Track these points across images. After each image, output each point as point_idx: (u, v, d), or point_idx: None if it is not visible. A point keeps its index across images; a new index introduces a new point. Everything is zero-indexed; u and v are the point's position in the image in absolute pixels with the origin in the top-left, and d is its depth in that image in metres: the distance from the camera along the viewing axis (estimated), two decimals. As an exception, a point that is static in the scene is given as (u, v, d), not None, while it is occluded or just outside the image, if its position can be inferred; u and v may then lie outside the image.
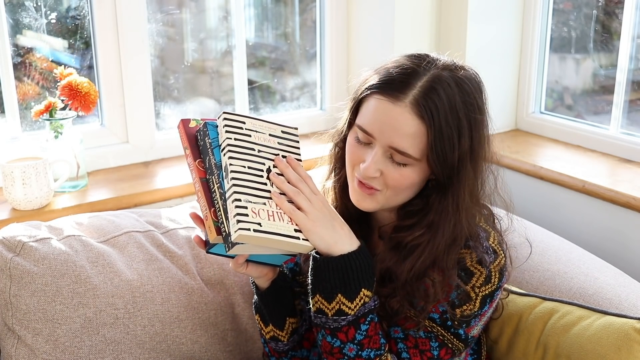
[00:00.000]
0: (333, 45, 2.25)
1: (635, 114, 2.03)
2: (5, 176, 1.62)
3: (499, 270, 1.18)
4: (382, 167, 1.14)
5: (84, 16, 1.88)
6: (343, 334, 1.14)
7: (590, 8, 2.12)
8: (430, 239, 1.15)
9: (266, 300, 1.28)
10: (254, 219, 1.05)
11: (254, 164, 1.12)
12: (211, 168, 1.12)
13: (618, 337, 1.26)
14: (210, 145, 1.13)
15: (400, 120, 1.11)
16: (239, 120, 1.15)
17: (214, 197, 1.11)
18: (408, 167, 1.14)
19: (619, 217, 1.79)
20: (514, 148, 2.10)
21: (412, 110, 1.10)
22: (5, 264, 1.32)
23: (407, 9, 2.09)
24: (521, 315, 1.41)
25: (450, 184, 1.15)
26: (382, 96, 1.13)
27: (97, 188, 1.79)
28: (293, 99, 2.34)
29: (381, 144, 1.13)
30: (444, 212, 1.15)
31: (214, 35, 2.20)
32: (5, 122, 1.82)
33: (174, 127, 2.11)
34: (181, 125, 1.17)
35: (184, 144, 1.16)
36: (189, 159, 1.15)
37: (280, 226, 1.07)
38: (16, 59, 1.82)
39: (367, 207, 1.18)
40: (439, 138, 1.10)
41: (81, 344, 1.33)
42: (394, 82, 1.13)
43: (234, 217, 1.05)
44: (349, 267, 1.11)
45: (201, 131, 1.15)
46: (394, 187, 1.15)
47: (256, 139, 1.15)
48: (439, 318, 1.16)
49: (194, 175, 1.14)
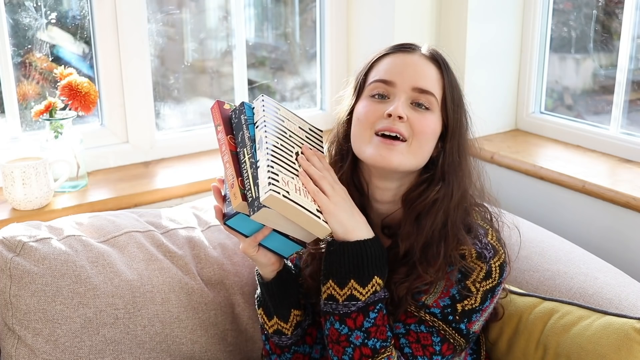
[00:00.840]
0: (333, 45, 2.25)
1: (635, 114, 2.03)
2: (5, 176, 1.62)
3: (499, 266, 1.20)
4: (407, 112, 1.18)
5: (84, 16, 1.88)
6: (352, 321, 1.15)
7: (590, 8, 2.12)
8: (446, 193, 1.20)
9: (272, 290, 1.28)
10: (284, 186, 1.09)
11: (286, 143, 1.17)
12: (244, 141, 1.16)
13: (618, 337, 1.26)
14: (245, 122, 1.18)
15: (420, 64, 1.21)
16: (276, 106, 1.22)
17: (242, 168, 1.14)
18: (430, 112, 1.19)
19: (619, 217, 1.79)
20: (514, 148, 2.10)
21: (427, 58, 1.22)
22: (5, 264, 1.32)
23: (407, 9, 2.09)
24: (521, 315, 1.41)
25: (455, 139, 1.21)
26: (395, 53, 1.24)
27: (97, 188, 1.79)
28: (293, 99, 2.34)
29: (403, 88, 1.19)
30: (452, 162, 1.21)
31: (214, 35, 2.20)
32: (5, 122, 1.82)
33: (174, 127, 2.11)
34: (216, 105, 1.23)
35: (217, 122, 1.22)
36: (221, 134, 1.20)
37: (305, 202, 1.11)
38: (16, 59, 1.82)
39: (393, 159, 1.17)
40: (450, 85, 1.21)
41: (81, 344, 1.33)
42: (401, 45, 1.25)
43: (267, 179, 1.07)
44: (364, 253, 1.14)
45: (237, 110, 1.22)
46: (419, 134, 1.18)
47: (288, 125, 1.22)
48: (440, 312, 1.17)
49: (223, 149, 1.19)
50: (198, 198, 1.79)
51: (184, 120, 2.15)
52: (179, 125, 2.12)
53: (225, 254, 1.52)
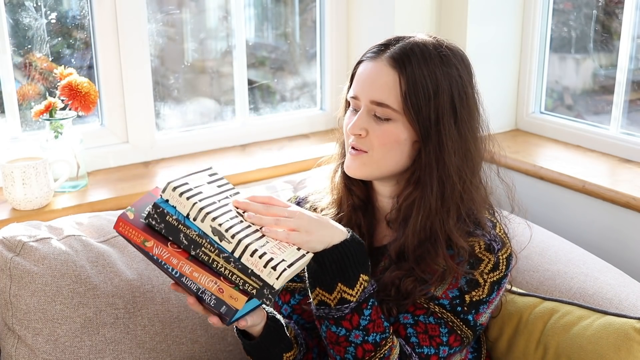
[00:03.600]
0: (333, 45, 2.25)
1: (635, 114, 2.03)
2: (5, 176, 1.62)
3: (506, 258, 1.22)
4: (366, 125, 1.19)
5: (84, 16, 1.88)
6: (347, 322, 1.15)
7: (590, 8, 2.12)
8: (420, 195, 1.19)
9: (261, 346, 1.22)
10: (278, 258, 1.05)
11: (229, 213, 1.08)
12: (193, 242, 1.05)
13: (618, 337, 1.26)
14: (177, 222, 1.05)
15: (377, 73, 1.18)
16: (185, 182, 1.09)
17: (216, 267, 1.05)
18: (391, 122, 1.18)
19: (619, 217, 1.79)
20: (514, 148, 2.10)
21: (387, 63, 1.18)
22: (5, 264, 1.32)
23: (407, 9, 2.09)
24: (521, 315, 1.41)
25: (430, 140, 1.17)
26: (366, 60, 1.22)
27: (97, 188, 1.79)
28: (293, 99, 2.34)
29: (364, 102, 1.19)
30: (427, 167, 1.18)
31: (214, 35, 2.20)
32: (5, 122, 1.82)
33: (174, 127, 2.11)
34: (123, 223, 1.07)
35: (140, 239, 1.06)
36: (158, 249, 1.05)
37: (291, 252, 1.08)
38: (16, 59, 1.82)
39: (356, 171, 1.22)
40: (412, 85, 1.15)
41: (81, 344, 1.33)
42: (378, 46, 1.22)
43: (267, 267, 1.02)
44: (345, 255, 1.13)
45: (154, 215, 1.06)
46: (379, 146, 1.18)
47: (206, 192, 1.10)
48: (449, 304, 1.18)
49: (175, 261, 1.05)
50: (198, 198, 1.79)
51: (184, 120, 2.15)
52: (179, 125, 2.12)
53: (225, 254, 1.52)
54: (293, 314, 1.34)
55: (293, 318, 1.34)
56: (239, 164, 1.99)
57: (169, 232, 1.06)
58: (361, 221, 1.28)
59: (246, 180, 1.93)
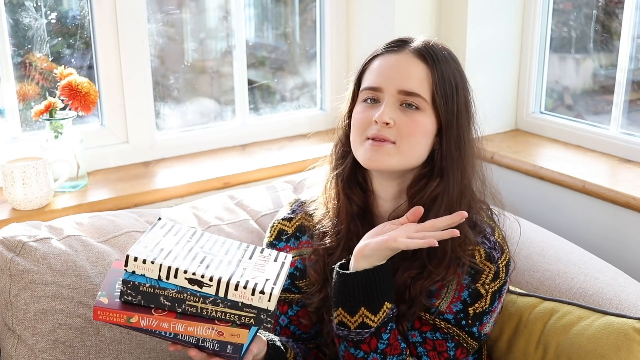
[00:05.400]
0: (333, 45, 2.25)
1: (635, 114, 2.03)
2: (5, 176, 1.62)
3: (505, 265, 1.22)
4: (394, 115, 1.17)
5: (84, 16, 1.88)
6: (366, 345, 1.16)
7: (590, 8, 2.12)
8: (445, 188, 1.19)
9: None
10: (262, 280, 1.05)
11: (196, 258, 1.08)
12: (176, 300, 1.04)
13: (618, 337, 1.26)
14: (152, 288, 1.04)
15: (406, 64, 1.19)
16: (142, 248, 1.08)
17: (207, 314, 1.04)
18: (419, 112, 1.18)
19: (619, 217, 1.78)
20: (514, 148, 2.10)
21: (414, 55, 1.20)
22: (5, 264, 1.32)
23: (407, 9, 2.09)
24: (521, 315, 1.41)
25: (452, 132, 1.19)
26: (384, 54, 1.22)
27: (97, 188, 1.79)
28: (293, 99, 2.34)
29: (390, 92, 1.18)
30: (449, 157, 1.19)
31: (214, 35, 2.20)
32: (5, 122, 1.82)
33: (174, 127, 2.11)
34: (101, 311, 1.05)
35: (124, 318, 1.04)
36: (145, 321, 1.04)
37: (271, 267, 1.10)
38: (16, 59, 1.82)
39: (383, 162, 1.18)
40: (441, 80, 1.18)
41: (81, 344, 1.33)
42: (396, 42, 1.23)
43: (255, 294, 1.03)
44: (373, 282, 1.13)
45: (127, 291, 1.05)
46: (407, 136, 1.17)
47: (166, 246, 1.10)
48: (453, 318, 1.19)
49: (165, 326, 1.04)
50: (198, 198, 1.79)
51: (184, 120, 2.15)
52: (179, 125, 2.12)
53: (225, 254, 1.52)
54: (290, 325, 1.34)
55: (290, 329, 1.34)
56: (239, 164, 1.99)
57: (148, 300, 1.05)
58: (359, 230, 1.25)
59: (246, 180, 1.93)
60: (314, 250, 1.30)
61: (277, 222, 1.37)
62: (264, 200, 1.68)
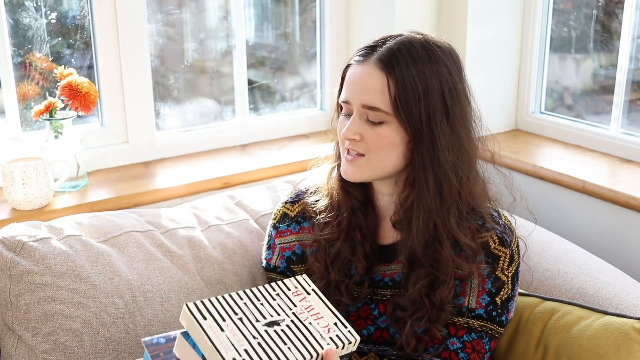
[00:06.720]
0: (333, 45, 2.25)
1: (635, 114, 2.03)
2: (5, 176, 1.62)
3: (516, 246, 1.25)
4: (360, 130, 1.18)
5: (84, 16, 1.88)
6: None
7: (590, 8, 2.12)
8: (417, 196, 1.18)
9: None
10: (334, 328, 1.02)
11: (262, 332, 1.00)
12: None
13: (618, 337, 1.26)
14: None
15: (367, 77, 1.17)
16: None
17: None
18: (384, 125, 1.17)
19: (619, 217, 1.78)
20: (514, 148, 2.10)
21: (376, 65, 1.17)
22: (5, 264, 1.32)
23: (407, 9, 2.09)
24: (521, 315, 1.41)
25: (422, 140, 1.16)
26: (353, 64, 1.21)
27: (97, 188, 1.79)
28: (293, 99, 2.34)
29: (356, 107, 1.19)
30: (422, 167, 1.17)
31: (214, 35, 2.20)
32: (5, 122, 1.82)
33: (174, 127, 2.11)
34: None
35: None
36: None
37: (317, 305, 1.05)
38: (16, 59, 1.82)
39: (354, 175, 1.21)
40: (401, 87, 1.14)
41: (81, 343, 1.33)
42: (365, 49, 1.21)
43: (346, 346, 1.00)
44: None
45: None
46: (375, 149, 1.18)
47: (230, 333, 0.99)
48: (484, 312, 1.22)
49: None
50: (198, 198, 1.79)
51: (184, 120, 2.15)
52: (179, 125, 2.12)
53: (225, 253, 1.52)
54: None
55: None
56: (239, 164, 1.99)
57: None
58: (362, 222, 1.28)
59: (246, 180, 1.93)
60: (316, 240, 1.32)
61: (281, 205, 1.41)
62: (264, 200, 1.68)
